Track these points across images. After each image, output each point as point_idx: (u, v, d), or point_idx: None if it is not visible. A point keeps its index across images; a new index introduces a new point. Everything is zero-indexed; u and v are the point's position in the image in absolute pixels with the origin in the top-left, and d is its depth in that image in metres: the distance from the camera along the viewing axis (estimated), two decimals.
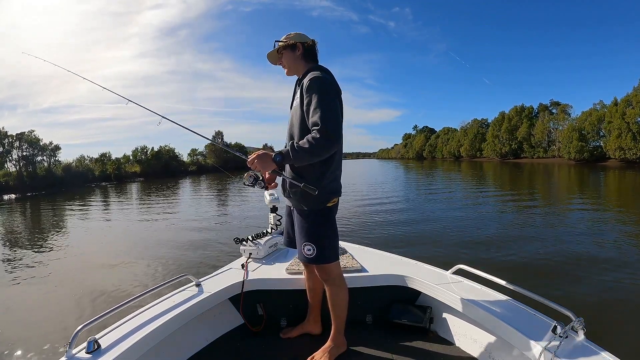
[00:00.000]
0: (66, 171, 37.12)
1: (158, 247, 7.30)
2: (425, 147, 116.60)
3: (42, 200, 21.44)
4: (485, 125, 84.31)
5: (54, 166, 38.13)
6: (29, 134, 37.06)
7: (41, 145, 37.61)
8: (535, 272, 4.95)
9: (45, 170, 35.92)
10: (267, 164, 1.59)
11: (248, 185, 1.76)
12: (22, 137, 36.45)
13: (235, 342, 2.01)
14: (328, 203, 1.72)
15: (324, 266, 1.76)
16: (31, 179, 32.53)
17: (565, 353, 1.32)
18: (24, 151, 36.24)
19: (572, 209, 10.78)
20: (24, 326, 3.88)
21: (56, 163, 38.97)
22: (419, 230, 8.02)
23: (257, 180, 1.75)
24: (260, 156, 1.59)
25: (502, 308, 1.68)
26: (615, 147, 44.06)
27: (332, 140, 1.54)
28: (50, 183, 32.45)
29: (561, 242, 6.55)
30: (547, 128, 60.91)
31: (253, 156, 1.60)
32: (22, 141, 36.26)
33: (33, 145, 37.02)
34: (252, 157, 1.60)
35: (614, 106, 46.32)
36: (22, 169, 34.59)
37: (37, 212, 16.08)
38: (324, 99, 1.57)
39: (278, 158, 1.56)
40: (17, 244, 8.59)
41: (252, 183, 1.75)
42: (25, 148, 36.46)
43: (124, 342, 1.46)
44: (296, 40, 1.77)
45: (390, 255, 2.52)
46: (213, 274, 2.24)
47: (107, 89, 2.33)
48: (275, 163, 1.58)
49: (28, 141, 36.66)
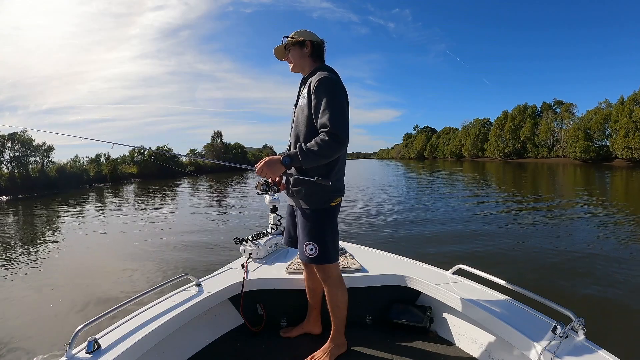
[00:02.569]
0: (60, 172, 36.88)
1: (158, 247, 7.34)
2: (426, 147, 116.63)
3: (35, 202, 21.38)
4: (488, 124, 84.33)
5: (48, 167, 38.00)
6: (21, 134, 36.87)
7: (34, 146, 37.38)
8: (535, 272, 5.00)
9: (39, 172, 35.71)
10: (276, 168, 1.59)
11: (262, 194, 1.76)
12: (15, 138, 36.27)
13: (235, 342, 2.03)
14: (332, 202, 1.74)
15: (323, 266, 1.78)
16: (24, 181, 32.35)
17: (565, 353, 1.34)
18: (16, 152, 36.07)
19: (575, 209, 10.82)
20: (24, 326, 3.92)
21: (50, 164, 38.84)
22: (419, 230, 8.08)
23: (269, 187, 1.75)
24: (267, 163, 1.59)
25: (502, 308, 1.70)
26: (622, 147, 44.02)
27: (341, 142, 1.56)
28: (43, 184, 32.28)
29: (562, 242, 6.60)
30: (552, 127, 60.89)
31: (261, 164, 1.60)
32: (14, 141, 36.05)
33: (26, 146, 36.75)
34: (260, 165, 1.60)
35: (620, 105, 46.31)
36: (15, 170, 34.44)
37: (30, 215, 16.04)
38: (333, 100, 1.59)
39: (286, 161, 1.57)
40: (13, 246, 8.60)
41: (265, 191, 1.75)
42: (17, 149, 36.26)
43: (124, 342, 1.48)
44: (305, 37, 1.79)
45: (390, 255, 2.55)
46: (213, 274, 2.27)
47: (87, 138, 2.42)
48: (284, 166, 1.59)
49: (20, 141, 36.45)
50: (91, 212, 15.09)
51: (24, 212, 17.45)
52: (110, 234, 9.62)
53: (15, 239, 9.71)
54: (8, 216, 15.86)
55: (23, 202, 23.20)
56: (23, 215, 16.18)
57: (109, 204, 18.41)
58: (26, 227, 12.21)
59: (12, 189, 29.79)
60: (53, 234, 10.26)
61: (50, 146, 38.89)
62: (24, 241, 9.13)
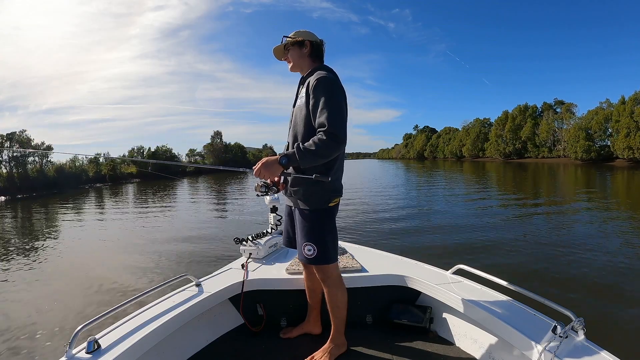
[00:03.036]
0: (59, 172, 36.91)
1: (157, 248, 7.37)
2: (426, 147, 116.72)
3: (33, 203, 21.40)
4: (488, 124, 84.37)
5: (47, 167, 37.98)
6: (20, 134, 36.82)
7: (33, 146, 37.39)
8: (535, 272, 5.02)
9: (37, 172, 35.72)
10: (274, 169, 1.59)
11: (262, 196, 1.74)
12: (13, 137, 36.24)
13: (235, 342, 2.04)
14: (330, 203, 1.74)
15: (323, 267, 1.78)
16: (22, 181, 32.35)
17: (565, 353, 1.34)
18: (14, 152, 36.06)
19: (575, 209, 10.84)
20: (24, 327, 3.94)
21: (48, 164, 38.82)
22: (419, 230, 8.10)
23: (269, 188, 1.73)
24: (265, 164, 1.58)
25: (502, 308, 1.71)
26: (623, 147, 43.97)
27: (339, 142, 1.57)
28: (42, 184, 32.29)
29: (562, 242, 6.63)
30: (552, 127, 60.90)
31: (258, 166, 1.59)
32: (12, 141, 36.05)
33: (24, 146, 36.82)
34: (257, 167, 1.59)
35: (621, 104, 46.29)
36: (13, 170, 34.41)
37: (29, 215, 16.05)
38: (331, 100, 1.60)
39: (284, 161, 1.57)
40: (13, 246, 8.62)
41: (264, 192, 1.73)
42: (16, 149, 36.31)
43: (124, 342, 1.49)
44: (305, 37, 1.80)
45: (390, 255, 2.56)
46: (213, 274, 2.28)
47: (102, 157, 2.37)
48: (282, 166, 1.59)
49: (19, 141, 36.43)
50: (90, 212, 15.11)
51: (23, 212, 17.46)
52: (109, 234, 9.64)
53: (14, 239, 9.73)
54: (7, 216, 15.87)
55: (22, 202, 23.22)
56: (21, 215, 16.20)
57: (108, 204, 18.43)
58: (25, 228, 12.23)
59: (10, 189, 29.79)
60: (53, 234, 10.29)
61: (49, 146, 39.05)
62: (24, 241, 9.15)
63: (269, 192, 1.74)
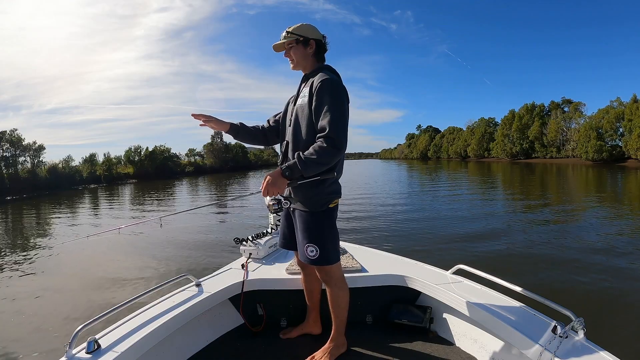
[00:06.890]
0: (51, 173, 36.81)
1: (157, 248, 7.44)
2: (429, 147, 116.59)
3: (24, 204, 21.41)
4: (493, 124, 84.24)
5: (38, 167, 37.87)
6: (10, 133, 36.68)
7: (24, 145, 37.30)
8: (535, 272, 5.08)
9: (28, 172, 35.66)
10: (279, 183, 1.62)
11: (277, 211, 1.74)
12: (3, 137, 36.10)
13: (235, 342, 2.09)
14: (330, 204, 1.79)
15: (325, 268, 1.83)
16: (12, 182, 32.27)
17: (565, 353, 1.36)
18: (4, 152, 35.90)
19: (578, 209, 10.92)
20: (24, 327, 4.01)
21: (40, 164, 38.71)
22: (419, 230, 8.18)
23: (280, 203, 1.74)
24: (270, 182, 1.61)
25: (502, 308, 1.75)
26: (636, 147, 43.39)
27: (339, 148, 1.62)
28: (33, 186, 32.25)
29: (562, 242, 6.72)
30: (561, 127, 60.60)
31: (264, 186, 1.62)
32: (2, 140, 35.87)
33: (15, 145, 36.61)
34: (263, 186, 1.62)
35: (633, 103, 45.89)
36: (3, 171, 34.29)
37: (19, 217, 16.06)
38: (335, 104, 1.65)
39: (287, 173, 1.62)
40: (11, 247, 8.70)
41: (279, 207, 1.74)
42: (5, 148, 36.09)
43: (124, 342, 1.52)
44: (309, 35, 1.81)
45: (390, 255, 2.61)
46: (213, 274, 2.33)
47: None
48: (286, 178, 1.63)
49: (9, 141, 36.28)
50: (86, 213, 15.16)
51: (13, 214, 17.47)
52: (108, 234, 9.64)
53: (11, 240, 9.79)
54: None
55: (12, 204, 23.15)
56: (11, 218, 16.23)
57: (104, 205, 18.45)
58: (19, 229, 12.26)
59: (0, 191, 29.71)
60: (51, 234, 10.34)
61: (41, 145, 38.78)
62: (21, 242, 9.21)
63: (283, 206, 1.74)
